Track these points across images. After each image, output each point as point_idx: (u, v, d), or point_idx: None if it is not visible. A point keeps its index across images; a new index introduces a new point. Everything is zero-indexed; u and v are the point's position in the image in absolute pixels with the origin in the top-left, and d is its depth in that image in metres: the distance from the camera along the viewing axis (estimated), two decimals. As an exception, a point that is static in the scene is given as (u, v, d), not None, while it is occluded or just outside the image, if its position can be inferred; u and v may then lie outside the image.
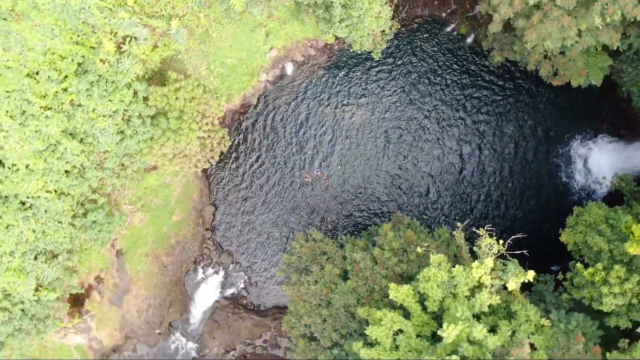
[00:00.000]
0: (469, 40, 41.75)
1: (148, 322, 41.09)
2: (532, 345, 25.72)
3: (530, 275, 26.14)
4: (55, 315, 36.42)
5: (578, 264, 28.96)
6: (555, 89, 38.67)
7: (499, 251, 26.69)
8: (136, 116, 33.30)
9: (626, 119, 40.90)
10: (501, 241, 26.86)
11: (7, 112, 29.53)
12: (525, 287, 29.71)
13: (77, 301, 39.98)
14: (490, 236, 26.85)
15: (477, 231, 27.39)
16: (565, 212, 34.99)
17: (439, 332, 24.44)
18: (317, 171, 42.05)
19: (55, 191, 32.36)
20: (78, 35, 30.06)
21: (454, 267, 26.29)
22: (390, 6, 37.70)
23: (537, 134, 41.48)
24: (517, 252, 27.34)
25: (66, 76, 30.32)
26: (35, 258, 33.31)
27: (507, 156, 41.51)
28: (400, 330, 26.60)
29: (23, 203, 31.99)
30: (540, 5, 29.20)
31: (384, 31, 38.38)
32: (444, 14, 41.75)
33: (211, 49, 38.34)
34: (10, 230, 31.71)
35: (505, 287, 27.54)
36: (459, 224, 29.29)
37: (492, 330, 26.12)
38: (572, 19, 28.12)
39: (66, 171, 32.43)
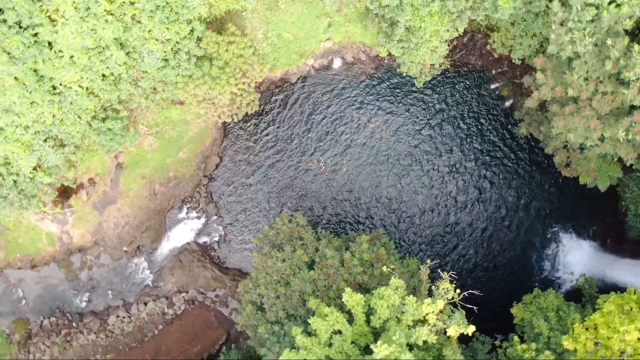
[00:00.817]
0: (507, 103, 43.32)
1: (120, 237, 42.94)
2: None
3: (471, 329, 28.03)
4: (41, 198, 38.25)
5: (516, 337, 30.90)
6: (563, 177, 40.29)
7: (452, 298, 28.54)
8: (185, 51, 35.08)
9: (617, 231, 42.43)
10: (458, 290, 28.69)
11: (74, 2, 31.26)
12: (464, 339, 31.64)
13: (64, 193, 41.79)
14: (450, 282, 28.68)
15: (442, 274, 29.23)
16: (525, 288, 36.97)
17: (372, 346, 26.23)
18: (322, 165, 43.78)
19: (87, 89, 34.15)
20: (162, -41, 31.75)
21: (408, 296, 28.17)
22: (448, 46, 39.31)
23: (529, 210, 43.20)
24: (468, 305, 29.16)
25: (138, -9, 32.06)
26: (45, 140, 35.17)
27: (494, 219, 43.28)
28: (339, 332, 28.52)
29: (54, 87, 33.76)
30: (577, 100, 30.81)
31: (433, 64, 40.01)
32: (494, 71, 43.25)
33: (275, 18, 40.00)
34: (33, 107, 33.49)
35: (445, 332, 29.43)
36: (428, 261, 31.11)
37: (419, 363, 28.04)
38: (600, 123, 29.70)
39: (103, 75, 34.22)
